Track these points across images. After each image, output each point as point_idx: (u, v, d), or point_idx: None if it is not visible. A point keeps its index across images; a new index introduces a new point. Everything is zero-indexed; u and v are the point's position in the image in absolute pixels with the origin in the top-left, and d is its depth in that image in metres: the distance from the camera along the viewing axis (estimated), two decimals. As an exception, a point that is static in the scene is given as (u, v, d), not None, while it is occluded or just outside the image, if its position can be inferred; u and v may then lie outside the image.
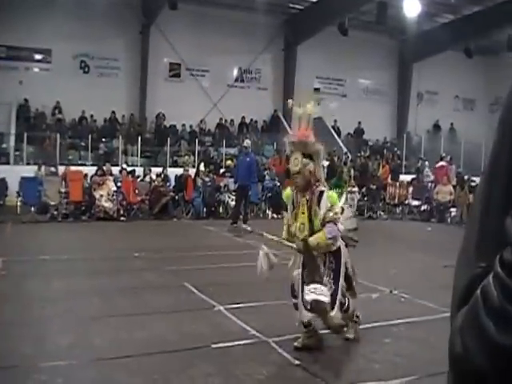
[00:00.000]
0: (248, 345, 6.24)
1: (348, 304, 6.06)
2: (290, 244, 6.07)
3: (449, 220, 21.34)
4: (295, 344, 6.06)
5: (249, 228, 7.66)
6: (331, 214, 5.86)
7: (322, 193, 5.93)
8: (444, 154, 26.08)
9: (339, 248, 6.01)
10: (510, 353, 0.89)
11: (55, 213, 18.51)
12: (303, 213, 6.00)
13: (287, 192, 6.32)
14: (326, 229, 5.82)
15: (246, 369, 5.56)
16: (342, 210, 6.21)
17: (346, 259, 6.10)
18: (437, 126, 34.66)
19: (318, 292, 5.68)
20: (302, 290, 5.84)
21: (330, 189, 6.42)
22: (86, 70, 27.54)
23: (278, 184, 21.84)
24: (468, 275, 1.04)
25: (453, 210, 21.49)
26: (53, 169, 20.65)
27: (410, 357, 5.97)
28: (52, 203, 18.56)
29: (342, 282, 5.96)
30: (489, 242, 1.03)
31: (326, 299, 5.69)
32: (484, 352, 0.93)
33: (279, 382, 5.39)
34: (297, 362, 5.74)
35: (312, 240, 5.84)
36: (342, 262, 6.01)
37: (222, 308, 7.69)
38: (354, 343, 6.39)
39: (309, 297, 5.70)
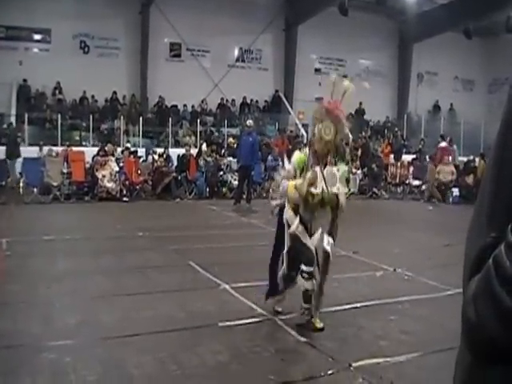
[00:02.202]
0: (255, 323, 6.30)
1: None
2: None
3: (450, 200, 21.35)
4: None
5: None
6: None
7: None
8: (443, 133, 26.14)
9: None
10: None
11: (58, 193, 18.49)
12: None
13: (302, 156, 6.21)
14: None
15: (253, 346, 5.61)
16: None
17: None
18: (437, 107, 34.59)
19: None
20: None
21: None
22: (86, 50, 27.38)
23: (281, 164, 21.82)
24: (479, 245, 1.07)
25: (454, 189, 21.51)
26: (55, 148, 20.56)
27: (415, 334, 6.03)
28: (54, 184, 18.53)
29: None
30: (500, 212, 1.06)
31: None
32: (498, 320, 0.96)
33: (286, 359, 5.42)
34: (303, 339, 5.80)
35: (343, 200, 5.98)
36: None
37: (227, 287, 7.75)
38: (361, 320, 6.45)
39: (328, 247, 5.95)
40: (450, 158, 22.82)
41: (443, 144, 24.54)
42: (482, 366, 1.05)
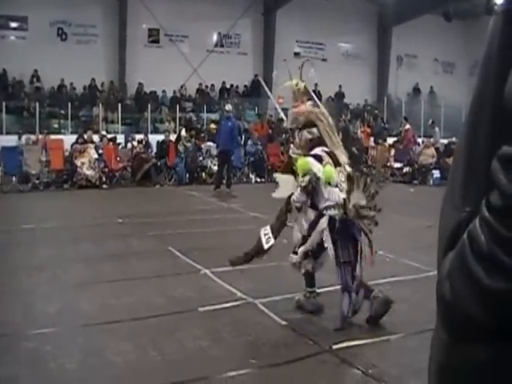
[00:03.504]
0: (235, 307, 6.29)
1: None
2: None
3: (431, 182, 21.45)
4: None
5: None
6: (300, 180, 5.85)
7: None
8: (406, 115, 26.73)
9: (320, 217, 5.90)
10: (500, 296, 0.90)
11: (37, 182, 18.38)
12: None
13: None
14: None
15: (233, 331, 5.61)
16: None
17: (318, 232, 5.90)
18: (417, 89, 34.67)
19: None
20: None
21: None
22: (64, 37, 27.11)
23: (261, 148, 21.89)
24: (453, 220, 1.04)
25: (435, 171, 21.60)
26: (32, 137, 20.37)
27: (396, 315, 6.01)
28: (33, 172, 18.43)
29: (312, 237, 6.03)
30: (474, 186, 1.03)
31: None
32: (474, 297, 0.94)
33: (267, 343, 5.42)
34: (284, 322, 5.80)
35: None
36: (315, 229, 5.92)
37: (207, 271, 7.74)
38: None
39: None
40: (432, 139, 22.98)
41: (407, 126, 24.87)
42: (458, 346, 1.03)
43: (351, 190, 5.83)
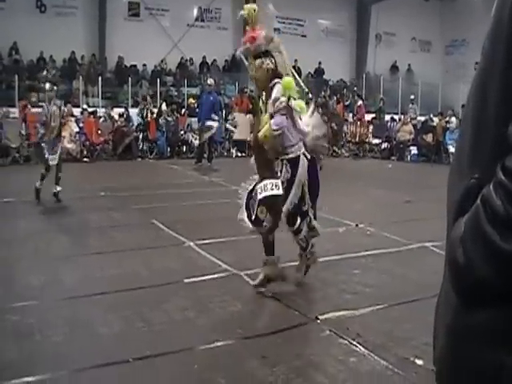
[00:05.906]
0: (220, 278, 6.33)
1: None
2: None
3: (408, 158, 21.61)
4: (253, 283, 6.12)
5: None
6: (277, 103, 5.57)
7: (274, 85, 5.67)
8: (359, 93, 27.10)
9: (298, 158, 5.82)
10: None
11: (17, 155, 18.25)
12: (261, 112, 5.82)
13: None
14: (271, 120, 5.56)
15: (219, 302, 5.63)
16: (312, 114, 6.26)
17: (303, 176, 5.87)
18: (394, 67, 34.72)
19: (269, 187, 5.56)
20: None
21: None
22: (43, 9, 26.68)
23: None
24: (462, 187, 1.08)
25: (412, 148, 21.76)
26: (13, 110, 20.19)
27: (378, 287, 6.11)
28: (13, 146, 18.28)
29: (294, 191, 5.80)
30: (482, 153, 1.07)
31: (280, 192, 5.60)
32: (489, 260, 0.97)
33: (253, 314, 5.48)
34: (269, 293, 5.85)
35: (260, 134, 5.63)
36: (299, 172, 5.81)
37: (192, 244, 7.76)
38: (325, 274, 6.52)
39: (261, 195, 5.59)
40: (408, 117, 23.07)
41: (360, 102, 25.20)
42: (468, 308, 1.06)
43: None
